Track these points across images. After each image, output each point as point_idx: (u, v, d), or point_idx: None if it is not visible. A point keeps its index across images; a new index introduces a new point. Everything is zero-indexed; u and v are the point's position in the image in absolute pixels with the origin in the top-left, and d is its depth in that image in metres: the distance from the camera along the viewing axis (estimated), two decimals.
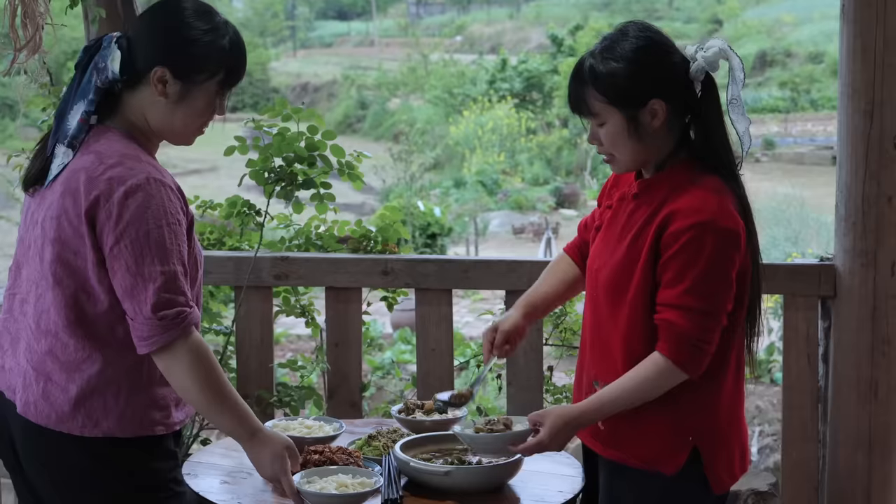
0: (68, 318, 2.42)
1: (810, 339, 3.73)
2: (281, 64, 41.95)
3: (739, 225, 2.48)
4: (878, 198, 3.54)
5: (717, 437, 2.55)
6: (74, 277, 2.42)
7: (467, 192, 23.87)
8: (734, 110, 2.53)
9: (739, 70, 2.52)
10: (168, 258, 2.38)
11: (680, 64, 2.52)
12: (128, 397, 2.44)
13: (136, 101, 2.50)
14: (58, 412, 2.43)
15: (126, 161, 2.41)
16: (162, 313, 2.36)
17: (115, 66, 2.46)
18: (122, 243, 2.36)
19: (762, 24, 38.83)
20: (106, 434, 2.43)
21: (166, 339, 2.37)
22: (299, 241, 4.16)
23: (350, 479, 2.65)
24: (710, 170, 2.52)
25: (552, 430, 2.54)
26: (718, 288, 2.46)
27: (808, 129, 30.43)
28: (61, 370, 2.44)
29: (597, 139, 2.57)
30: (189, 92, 2.48)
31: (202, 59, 2.47)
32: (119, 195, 2.36)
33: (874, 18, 3.49)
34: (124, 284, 2.37)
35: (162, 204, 2.38)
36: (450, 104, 31.17)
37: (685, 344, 2.45)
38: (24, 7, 3.40)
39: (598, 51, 2.53)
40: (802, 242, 14.23)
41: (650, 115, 2.50)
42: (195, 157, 27.66)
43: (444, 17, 51.76)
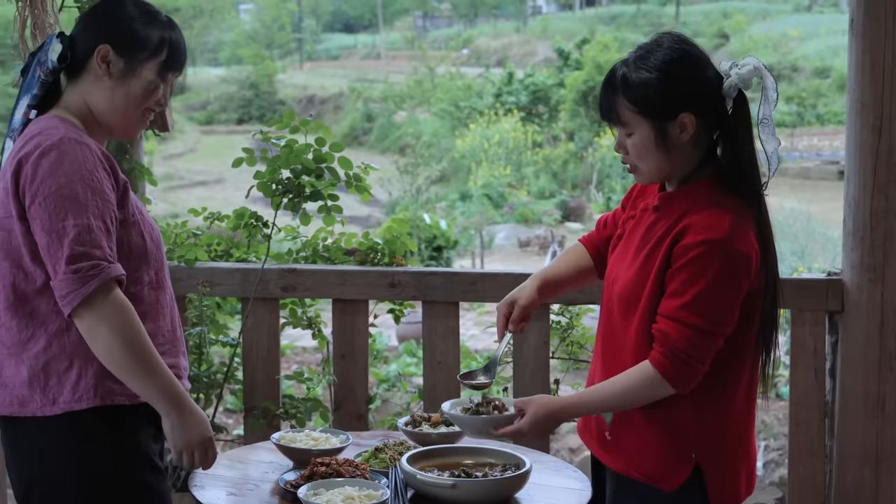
0: (8, 300, 2.44)
1: (817, 353, 3.72)
2: (287, 76, 42.00)
3: (753, 249, 2.45)
4: (886, 213, 3.54)
5: (723, 458, 2.53)
6: (11, 258, 2.43)
7: (473, 205, 23.87)
8: (764, 130, 2.50)
9: (773, 90, 2.49)
10: (81, 212, 2.35)
11: (713, 79, 2.50)
12: (80, 370, 2.42)
13: (77, 90, 2.55)
14: (18, 397, 2.45)
15: (46, 130, 2.44)
16: (76, 266, 2.32)
17: (54, 56, 2.51)
18: (37, 202, 2.36)
19: (768, 39, 38.83)
20: (65, 410, 2.42)
21: (83, 294, 2.32)
22: (306, 253, 4.16)
23: (357, 492, 2.65)
24: (733, 189, 2.49)
25: (534, 419, 2.56)
26: (719, 308, 2.44)
27: (815, 143, 30.41)
28: (10, 355, 2.46)
29: (623, 148, 2.55)
30: (132, 70, 2.52)
31: (145, 37, 2.53)
32: (34, 157, 2.38)
33: (883, 33, 3.49)
34: (43, 245, 2.36)
35: (76, 160, 2.38)
36: (456, 117, 31.19)
37: (676, 358, 2.44)
38: (34, 18, 3.40)
39: (632, 60, 2.51)
40: (809, 257, 14.21)
41: (679, 129, 2.48)
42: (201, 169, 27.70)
43: (450, 30, 51.82)
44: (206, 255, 4.10)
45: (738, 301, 2.46)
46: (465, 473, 2.75)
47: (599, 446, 2.65)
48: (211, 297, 4.06)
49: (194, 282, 3.90)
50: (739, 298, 2.46)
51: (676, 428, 2.51)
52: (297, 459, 2.97)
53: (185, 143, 31.35)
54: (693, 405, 2.50)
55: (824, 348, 3.73)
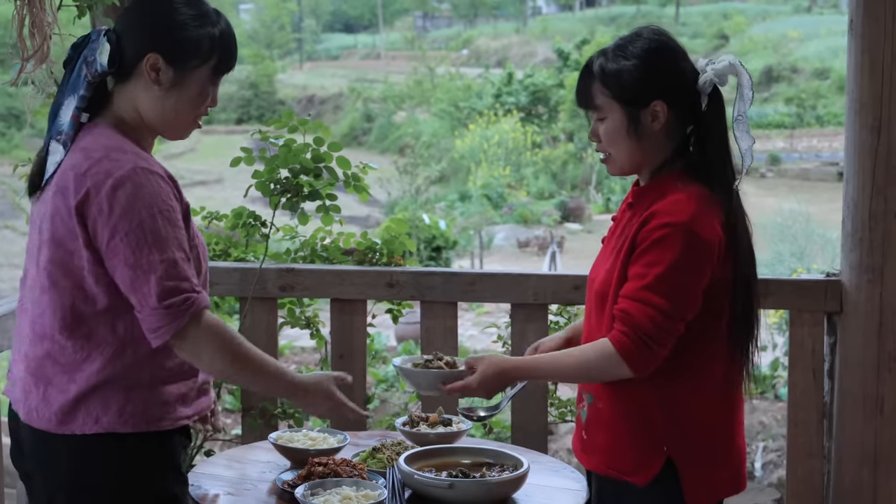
0: (64, 320, 2.39)
1: (816, 354, 3.72)
2: (287, 76, 42.03)
3: (716, 236, 2.45)
4: (885, 214, 3.54)
5: (696, 453, 2.52)
6: (70, 278, 2.39)
7: (472, 205, 23.89)
8: (739, 127, 2.53)
9: (748, 87, 2.52)
10: (165, 246, 2.34)
11: (689, 72, 2.53)
12: (128, 393, 2.41)
13: (127, 95, 2.47)
14: (58, 414, 2.41)
15: (111, 154, 2.37)
16: (168, 301, 2.33)
17: (103, 59, 2.43)
18: (118, 237, 2.32)
19: (768, 40, 38.87)
20: (107, 429, 2.40)
21: (176, 327, 2.34)
22: (305, 253, 4.16)
23: (354, 492, 2.64)
24: (704, 182, 2.51)
25: (483, 377, 2.56)
26: (681, 291, 2.44)
27: (814, 144, 30.45)
28: (62, 372, 2.41)
29: (596, 136, 2.59)
30: (182, 78, 2.45)
31: (194, 44, 2.44)
32: (107, 189, 2.32)
33: (882, 33, 3.49)
34: (125, 279, 2.33)
35: (151, 192, 2.34)
36: (455, 117, 31.22)
37: (637, 338, 2.43)
38: (32, 17, 3.39)
39: (611, 49, 2.56)
40: (807, 258, 14.22)
41: (651, 117, 2.51)
42: (201, 169, 27.72)
43: (450, 30, 51.86)
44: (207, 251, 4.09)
45: (700, 286, 2.45)
46: (463, 474, 2.74)
47: (580, 448, 2.66)
48: (210, 297, 4.05)
49: None
50: (702, 283, 2.45)
51: (645, 421, 2.52)
52: (295, 459, 2.97)
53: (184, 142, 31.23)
54: (658, 395, 2.50)
55: (823, 349, 3.73)
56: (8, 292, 16.68)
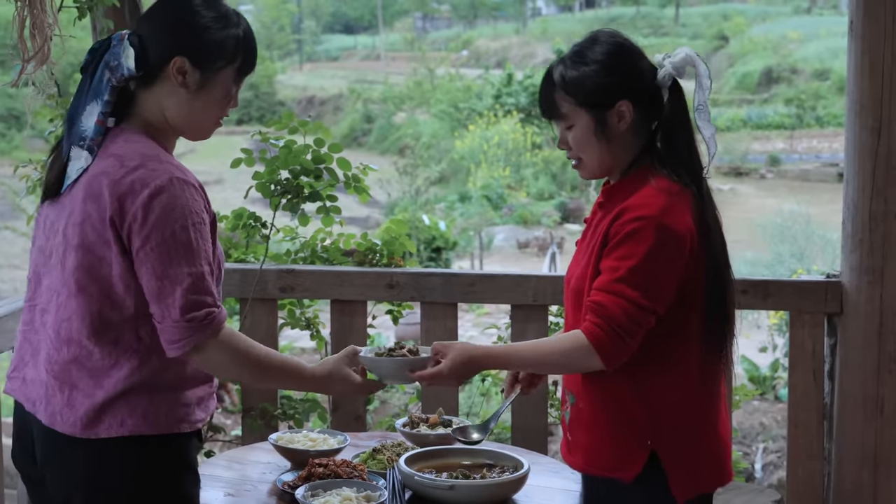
0: (92, 326, 2.39)
1: (816, 355, 3.72)
2: (287, 77, 42.04)
3: (687, 228, 2.46)
4: (885, 215, 3.54)
5: (680, 445, 2.52)
6: (99, 284, 2.38)
7: (472, 206, 23.89)
8: (700, 116, 2.55)
9: (706, 77, 2.54)
10: (195, 259, 2.35)
11: (648, 70, 2.56)
12: (152, 397, 2.41)
13: (152, 98, 2.48)
14: (83, 419, 2.40)
15: (148, 162, 2.38)
16: (190, 315, 2.33)
17: (129, 63, 2.43)
18: (148, 246, 2.33)
19: (768, 41, 38.88)
20: (131, 432, 2.40)
21: (195, 342, 2.35)
22: (305, 254, 4.16)
23: (354, 493, 2.64)
24: (672, 175, 2.52)
25: (453, 363, 2.54)
26: (653, 283, 2.44)
27: (814, 145, 30.46)
28: (88, 377, 2.40)
29: (565, 143, 2.61)
30: (208, 80, 2.47)
31: (220, 46, 2.46)
32: (144, 197, 2.33)
33: (882, 34, 3.49)
34: (151, 288, 2.34)
35: (187, 204, 2.35)
36: (455, 118, 31.22)
37: (610, 330, 2.43)
38: (33, 18, 3.40)
39: (569, 56, 2.59)
40: (808, 259, 14.22)
41: (617, 117, 2.53)
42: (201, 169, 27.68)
43: (450, 31, 51.88)
44: None
45: (673, 278, 2.45)
46: (463, 475, 2.74)
47: (566, 450, 2.67)
48: None
49: None
50: (674, 276, 2.45)
51: (627, 416, 2.51)
52: (295, 460, 2.97)
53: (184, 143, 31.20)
54: (637, 390, 2.50)
55: (823, 350, 3.73)
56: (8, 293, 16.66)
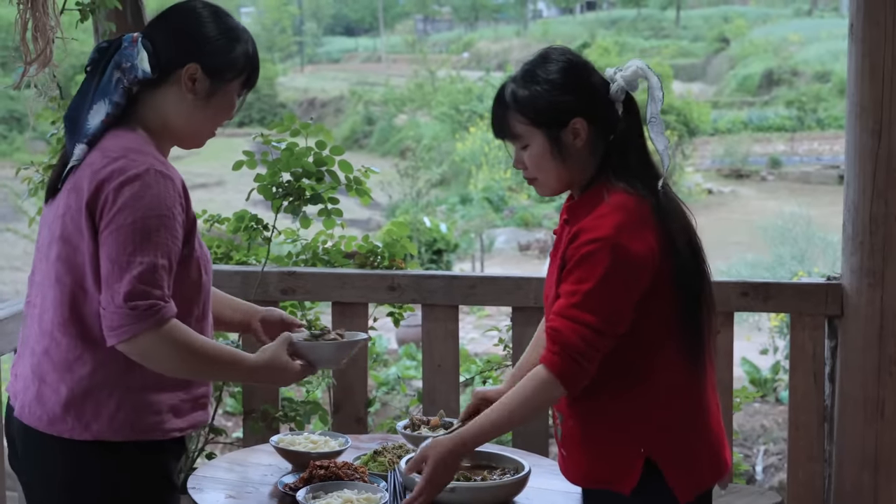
0: (63, 316, 2.41)
1: (817, 358, 3.73)
2: (288, 79, 42.04)
3: (644, 245, 2.44)
4: (885, 217, 3.54)
5: (674, 447, 2.52)
6: (73, 275, 2.40)
7: (473, 208, 23.88)
8: (654, 129, 2.53)
9: (658, 89, 2.53)
10: (151, 249, 2.33)
11: (600, 85, 2.54)
12: (119, 400, 2.41)
13: (155, 102, 2.50)
14: (49, 414, 2.42)
15: (129, 154, 2.40)
16: (133, 303, 2.31)
17: (144, 65, 2.46)
18: (108, 230, 2.34)
19: (769, 43, 38.89)
20: (96, 437, 2.40)
21: (134, 331, 2.32)
22: (306, 256, 4.16)
23: (355, 495, 2.65)
24: (627, 189, 2.51)
25: (435, 463, 2.50)
26: (611, 306, 2.43)
27: (815, 148, 30.45)
28: (53, 370, 2.42)
29: (521, 163, 2.59)
30: (217, 90, 2.51)
31: (232, 58, 2.51)
32: (116, 183, 2.34)
33: (883, 37, 3.50)
34: (105, 272, 2.34)
35: (158, 195, 2.36)
36: (456, 120, 31.21)
37: (568, 356, 2.42)
38: (35, 21, 3.40)
39: (520, 75, 2.57)
40: (808, 261, 14.22)
41: (573, 135, 2.52)
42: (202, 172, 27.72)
43: (451, 33, 51.86)
44: None
45: (631, 299, 2.44)
46: (464, 477, 2.75)
47: (562, 465, 2.67)
48: None
49: None
50: (632, 296, 2.44)
51: (616, 429, 2.51)
52: (296, 462, 2.97)
53: None
54: (621, 403, 2.50)
55: (824, 352, 3.73)
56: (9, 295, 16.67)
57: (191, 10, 2.53)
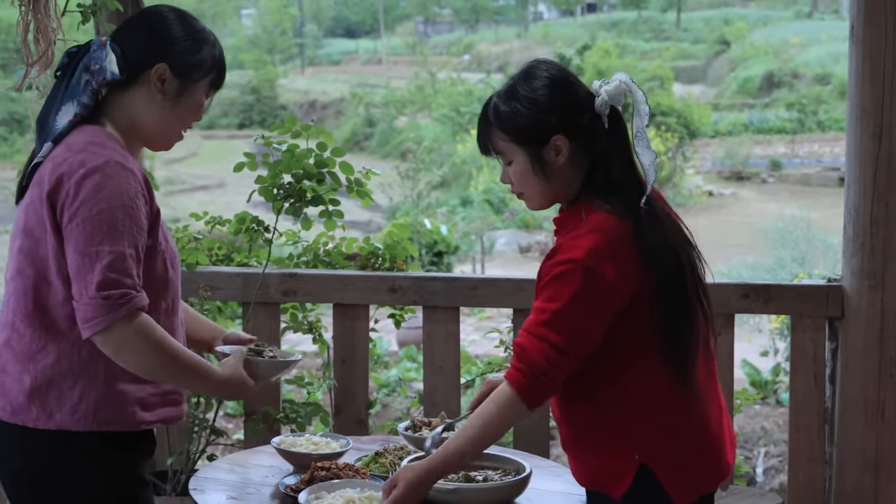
0: (26, 308, 2.43)
1: (817, 359, 3.73)
2: (289, 81, 42.07)
3: (619, 267, 2.41)
4: (886, 219, 3.55)
5: (670, 451, 2.51)
6: (35, 266, 2.43)
7: (474, 210, 23.89)
8: (639, 143, 2.50)
9: (643, 103, 2.51)
10: (118, 239, 2.36)
11: (584, 99, 2.52)
12: (83, 391, 2.43)
13: (124, 103, 2.54)
14: (12, 404, 2.44)
15: (90, 147, 2.43)
16: (106, 293, 2.33)
17: (113, 67, 2.50)
18: (74, 222, 2.36)
19: (769, 46, 38.90)
20: (59, 427, 2.42)
21: (108, 321, 2.34)
22: (307, 258, 4.17)
23: (357, 494, 2.65)
24: (605, 205, 2.49)
25: (407, 488, 2.49)
26: (578, 327, 2.42)
27: (815, 150, 30.46)
28: (16, 360, 2.45)
29: (508, 178, 2.59)
30: (185, 90, 2.55)
31: (200, 59, 2.56)
32: (78, 176, 2.37)
33: (883, 40, 3.50)
34: (73, 265, 2.36)
35: (119, 186, 2.38)
36: (457, 122, 31.22)
37: (531, 374, 2.43)
38: (37, 23, 3.41)
39: (503, 91, 2.56)
40: (809, 263, 14.20)
41: (554, 152, 2.51)
42: (202, 174, 27.72)
43: (452, 35, 51.90)
44: (208, 260, 4.10)
45: (600, 322, 2.43)
46: (466, 478, 2.75)
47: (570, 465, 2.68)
48: (212, 302, 4.06)
49: (195, 286, 3.90)
50: (601, 319, 2.43)
51: (607, 437, 2.52)
52: (298, 464, 2.97)
53: (186, 147, 31.40)
54: (609, 414, 2.49)
55: (824, 354, 3.73)
56: None
57: (157, 13, 2.58)
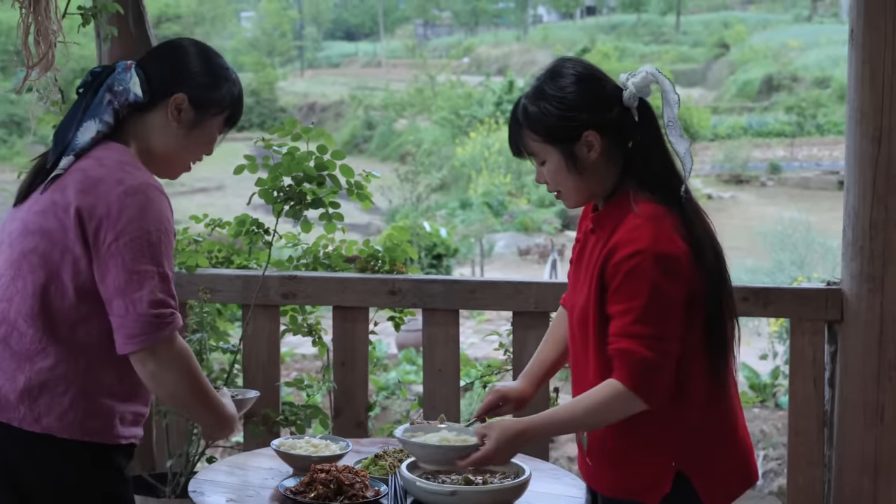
0: (32, 309, 2.45)
1: (816, 363, 3.73)
2: (288, 84, 42.05)
3: (679, 249, 2.45)
4: (885, 223, 3.55)
5: (705, 459, 2.52)
6: (47, 269, 2.44)
7: (473, 213, 23.90)
8: (672, 132, 2.52)
9: (672, 92, 2.52)
10: (164, 261, 2.44)
11: (612, 93, 2.53)
12: (73, 399, 2.45)
13: (142, 126, 2.59)
14: (0, 401, 2.46)
15: (125, 167, 2.48)
16: (158, 311, 2.40)
17: (136, 90, 2.56)
18: (122, 240, 2.39)
19: (769, 49, 38.91)
20: (45, 431, 2.44)
21: (154, 339, 2.41)
22: (307, 261, 4.17)
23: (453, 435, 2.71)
24: (651, 196, 2.51)
25: (498, 443, 2.53)
26: (666, 314, 2.43)
27: (814, 153, 30.47)
28: (12, 358, 2.46)
29: (543, 178, 2.60)
30: (200, 121, 2.61)
31: (219, 93, 2.63)
32: (118, 193, 2.42)
33: (883, 43, 3.50)
34: (118, 281, 2.39)
35: (160, 210, 2.46)
36: (456, 125, 31.25)
37: (641, 370, 2.43)
38: (37, 25, 3.41)
39: (531, 92, 2.57)
40: (808, 267, 14.22)
41: (586, 148, 2.51)
42: (202, 176, 27.71)
43: (451, 38, 51.89)
44: (207, 262, 4.10)
45: (682, 302, 2.45)
46: (465, 481, 2.75)
47: (587, 473, 2.68)
48: (211, 304, 4.06)
49: (195, 288, 3.91)
50: (682, 299, 2.45)
51: (647, 441, 2.51)
52: (297, 466, 2.97)
53: None
54: (651, 414, 2.49)
55: (823, 358, 3.73)
56: None
57: (182, 46, 2.67)
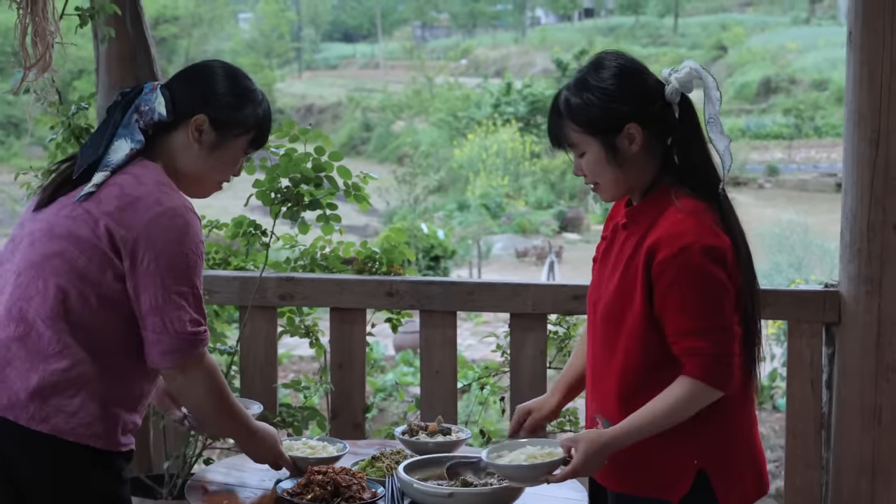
0: (54, 310, 2.46)
1: (814, 365, 3.73)
2: (286, 85, 42.06)
3: (724, 241, 2.47)
4: (883, 225, 3.55)
5: (725, 459, 2.53)
6: (72, 274, 2.47)
7: (471, 214, 23.89)
8: (713, 129, 2.53)
9: (714, 89, 2.53)
10: (196, 282, 2.52)
11: (654, 87, 2.53)
12: (81, 405, 2.47)
13: (168, 145, 2.64)
14: (10, 398, 2.46)
15: (162, 187, 2.54)
16: (195, 329, 2.50)
17: (161, 109, 2.60)
18: (161, 262, 2.46)
19: (767, 51, 38.94)
20: (51, 431, 2.46)
21: (188, 357, 2.51)
22: (305, 262, 4.16)
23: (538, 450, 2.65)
24: (691, 191, 2.51)
25: (585, 457, 2.49)
26: (720, 302, 2.45)
27: (812, 155, 30.50)
28: (27, 357, 2.47)
29: (580, 170, 2.59)
30: (222, 143, 2.64)
31: (242, 114, 2.65)
32: (157, 212, 2.48)
33: (881, 45, 3.50)
34: (155, 301, 2.47)
35: (197, 233, 2.53)
36: (454, 127, 31.25)
37: (712, 362, 2.44)
38: (35, 26, 3.41)
39: (573, 83, 2.56)
40: (806, 269, 14.22)
41: (628, 141, 2.51)
42: None
43: (449, 40, 51.93)
44: (205, 264, 4.10)
45: (733, 291, 2.47)
46: (463, 482, 2.75)
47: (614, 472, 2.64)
48: (209, 305, 4.06)
49: None
50: (733, 288, 2.47)
51: (669, 438, 2.51)
52: (294, 467, 2.97)
53: None
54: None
55: (821, 360, 3.73)
56: None
57: (208, 67, 2.70)
